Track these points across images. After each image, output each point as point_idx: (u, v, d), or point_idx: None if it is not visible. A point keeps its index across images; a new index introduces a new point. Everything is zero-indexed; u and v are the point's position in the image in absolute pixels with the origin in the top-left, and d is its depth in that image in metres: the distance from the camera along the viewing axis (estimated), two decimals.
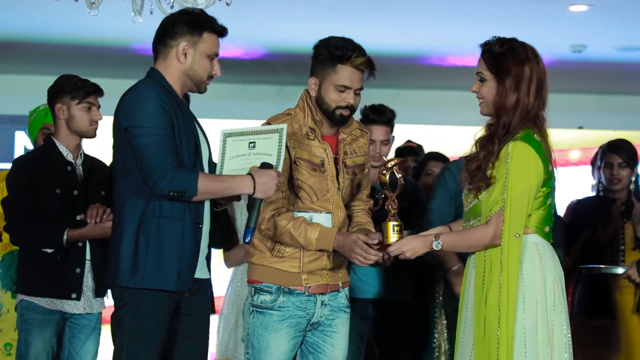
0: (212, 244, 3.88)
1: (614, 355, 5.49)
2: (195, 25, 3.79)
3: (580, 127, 10.75)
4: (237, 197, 3.84)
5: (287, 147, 3.83)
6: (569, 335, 3.68)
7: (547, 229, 3.80)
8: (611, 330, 5.45)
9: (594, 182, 6.11)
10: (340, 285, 4.01)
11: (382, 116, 5.11)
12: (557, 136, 12.48)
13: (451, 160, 5.88)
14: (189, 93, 4.06)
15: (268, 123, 3.93)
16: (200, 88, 3.83)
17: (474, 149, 3.79)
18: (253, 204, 3.68)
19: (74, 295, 4.62)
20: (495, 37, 3.77)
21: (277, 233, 3.89)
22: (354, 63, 3.87)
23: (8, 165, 9.70)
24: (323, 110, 3.92)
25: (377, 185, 3.92)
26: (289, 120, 3.91)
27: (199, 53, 3.79)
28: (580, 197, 6.21)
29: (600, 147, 5.93)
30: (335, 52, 3.88)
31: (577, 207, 5.81)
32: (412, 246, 3.75)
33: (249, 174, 3.65)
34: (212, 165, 3.85)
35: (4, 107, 10.31)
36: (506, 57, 3.70)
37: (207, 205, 3.79)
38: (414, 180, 5.48)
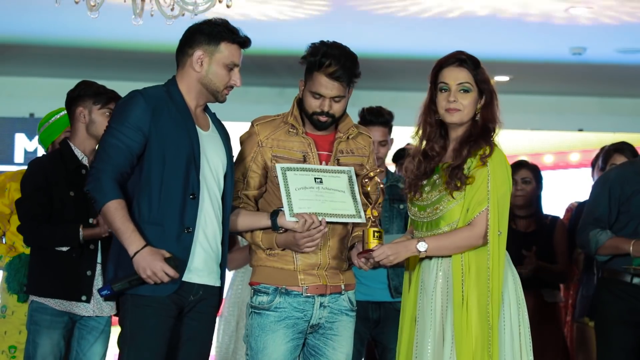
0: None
1: None
2: (213, 34, 3.81)
3: (581, 130, 10.76)
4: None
5: (262, 146, 3.94)
6: (529, 334, 3.86)
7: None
8: None
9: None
10: (343, 287, 4.00)
11: (379, 117, 5.15)
12: (557, 138, 12.47)
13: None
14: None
15: (252, 125, 4.00)
16: (217, 97, 3.84)
17: (417, 143, 3.95)
18: (131, 272, 3.68)
19: (84, 298, 4.64)
20: (458, 51, 3.93)
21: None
22: (326, 72, 3.87)
23: (8, 168, 9.72)
24: (305, 113, 3.97)
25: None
26: (270, 122, 3.98)
27: (215, 62, 3.81)
28: (580, 199, 6.22)
29: (602, 149, 5.92)
30: (310, 58, 3.91)
31: (580, 209, 5.80)
32: (396, 250, 3.80)
33: (145, 246, 3.64)
34: (231, 178, 3.88)
35: (3, 109, 10.32)
36: (483, 69, 3.89)
37: (209, 209, 3.79)
38: None
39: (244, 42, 3.85)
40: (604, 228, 4.96)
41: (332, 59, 3.86)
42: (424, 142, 3.93)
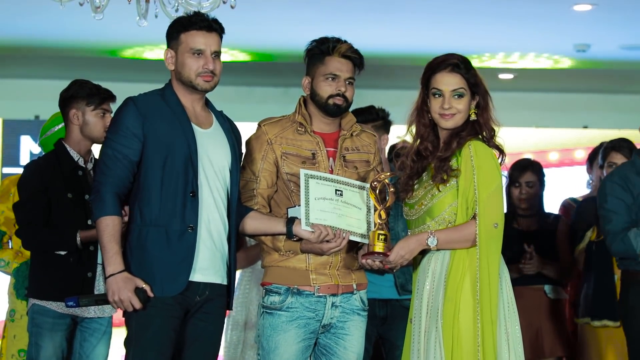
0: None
1: (620, 356, 5.47)
2: (172, 30, 3.88)
3: (585, 127, 10.75)
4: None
5: (271, 143, 3.98)
6: (520, 332, 3.86)
7: None
8: (618, 332, 5.43)
9: (590, 180, 6.10)
10: (355, 287, 4.03)
11: (366, 115, 5.17)
12: (562, 135, 12.42)
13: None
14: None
15: (259, 126, 4.05)
16: (195, 87, 3.85)
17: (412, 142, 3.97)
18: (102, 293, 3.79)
19: None
20: (450, 54, 3.95)
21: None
22: (339, 51, 4.00)
23: (13, 170, 9.73)
24: (318, 105, 4.02)
25: (392, 179, 3.96)
26: (277, 122, 4.03)
27: (180, 54, 3.85)
28: (574, 195, 6.23)
29: (600, 145, 5.91)
30: (321, 46, 4.03)
31: (581, 207, 5.80)
32: (408, 248, 3.84)
33: (122, 271, 3.68)
34: (236, 175, 3.89)
35: (9, 111, 10.33)
36: (475, 71, 3.93)
37: (211, 207, 3.81)
38: None
39: (206, 26, 3.85)
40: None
41: (342, 42, 4.04)
42: (417, 142, 3.96)
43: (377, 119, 5.18)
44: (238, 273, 5.68)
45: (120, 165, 3.74)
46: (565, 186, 7.88)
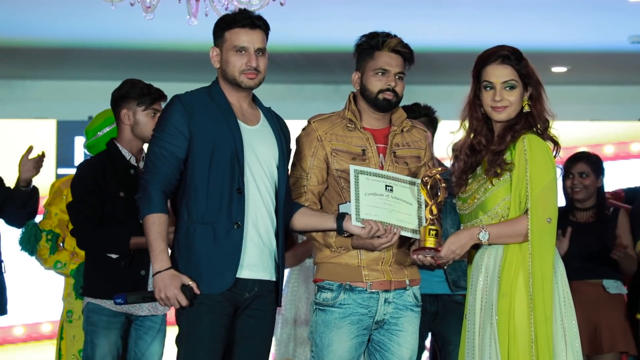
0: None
1: None
2: (217, 28, 3.89)
3: None
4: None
5: (321, 140, 3.98)
6: (577, 327, 3.81)
7: None
8: None
9: None
10: (407, 282, 4.01)
11: (410, 113, 5.15)
12: (617, 128, 12.31)
13: None
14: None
15: (309, 123, 4.05)
16: (239, 85, 3.86)
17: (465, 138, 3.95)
18: (150, 292, 3.80)
19: None
20: (500, 45, 3.93)
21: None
22: (389, 46, 3.99)
23: (68, 171, 9.81)
24: (368, 100, 4.01)
25: (444, 174, 3.93)
26: (326, 119, 4.04)
27: (224, 52, 3.86)
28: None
29: None
30: (371, 41, 4.02)
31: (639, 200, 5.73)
32: (460, 243, 3.82)
33: (169, 268, 3.70)
34: (284, 171, 3.89)
35: (63, 113, 10.42)
36: (527, 61, 3.89)
37: (259, 204, 3.81)
38: None
39: (249, 23, 3.85)
40: None
41: (392, 37, 4.02)
42: (471, 136, 3.93)
43: (419, 116, 5.15)
44: (286, 271, 5.69)
45: (167, 163, 3.76)
46: (621, 180, 7.81)
